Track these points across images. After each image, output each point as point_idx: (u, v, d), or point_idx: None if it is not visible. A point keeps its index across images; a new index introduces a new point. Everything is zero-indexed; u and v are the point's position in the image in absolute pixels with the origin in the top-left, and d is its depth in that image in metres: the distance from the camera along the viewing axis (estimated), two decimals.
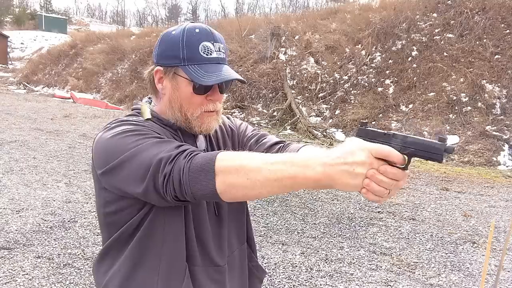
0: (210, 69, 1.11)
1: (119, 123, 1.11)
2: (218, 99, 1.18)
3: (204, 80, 1.09)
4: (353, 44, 14.42)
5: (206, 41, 1.13)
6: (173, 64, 1.13)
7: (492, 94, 10.91)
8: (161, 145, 1.01)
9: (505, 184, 7.83)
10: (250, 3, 44.16)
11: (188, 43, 1.12)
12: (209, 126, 1.18)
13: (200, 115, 1.16)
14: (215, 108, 1.18)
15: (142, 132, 1.06)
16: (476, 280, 3.89)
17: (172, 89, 1.16)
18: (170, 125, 1.19)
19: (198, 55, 1.11)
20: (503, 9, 12.50)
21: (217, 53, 1.14)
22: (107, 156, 1.04)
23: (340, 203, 6.03)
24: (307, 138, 11.42)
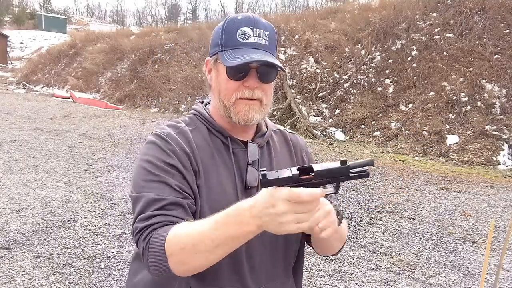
0: (243, 53, 1.07)
1: (156, 137, 1.12)
2: (254, 85, 1.10)
3: (229, 61, 1.07)
4: (353, 44, 14.42)
5: (245, 27, 1.10)
6: (215, 52, 1.13)
7: (492, 93, 10.91)
8: (148, 202, 1.02)
9: (504, 184, 7.84)
10: (249, 3, 44.21)
11: (227, 29, 1.11)
12: (246, 115, 1.12)
13: (235, 102, 1.11)
14: (252, 96, 1.11)
15: (154, 170, 1.06)
16: (476, 280, 3.89)
17: (215, 77, 1.15)
18: (221, 132, 1.16)
19: (234, 40, 1.09)
20: (502, 9, 12.51)
21: (256, 38, 1.10)
22: (132, 179, 1.12)
23: (340, 202, 6.03)
24: (307, 138, 11.42)
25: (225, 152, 1.15)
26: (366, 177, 0.87)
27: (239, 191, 1.13)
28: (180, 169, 1.07)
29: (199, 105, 1.24)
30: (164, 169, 1.06)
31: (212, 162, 1.13)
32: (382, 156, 9.86)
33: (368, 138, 11.32)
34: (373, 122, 11.71)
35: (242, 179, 1.14)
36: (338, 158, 8.68)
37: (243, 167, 1.15)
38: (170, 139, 1.11)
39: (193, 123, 1.19)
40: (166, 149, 1.09)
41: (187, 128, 1.15)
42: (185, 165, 1.08)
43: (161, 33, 21.94)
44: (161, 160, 1.07)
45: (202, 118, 1.19)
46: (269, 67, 1.10)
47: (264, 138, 1.23)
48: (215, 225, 0.91)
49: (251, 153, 1.17)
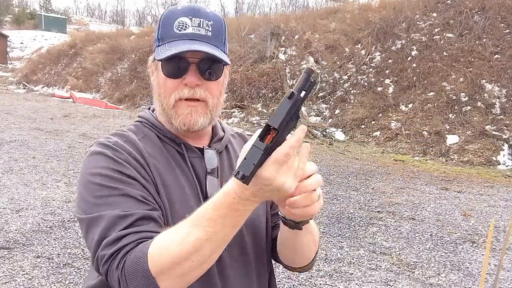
0: (179, 45, 0.93)
1: (102, 147, 0.96)
2: (194, 82, 0.95)
3: (160, 54, 0.94)
4: (353, 44, 14.42)
5: (184, 17, 0.96)
6: (154, 49, 1.01)
7: (492, 93, 10.91)
8: (111, 221, 0.85)
9: (504, 184, 7.84)
10: (249, 3, 44.20)
11: (165, 21, 0.98)
12: (188, 119, 0.97)
13: (175, 104, 0.97)
14: (192, 95, 0.96)
15: (109, 183, 0.89)
16: (476, 280, 3.89)
17: (155, 77, 1.02)
18: (173, 139, 1.03)
19: (171, 32, 0.96)
20: (502, 9, 12.52)
21: (195, 29, 0.96)
22: (78, 198, 0.94)
23: (340, 203, 6.03)
24: (307, 138, 11.42)
25: (181, 160, 1.02)
26: (314, 85, 0.78)
27: (202, 202, 0.95)
28: (139, 179, 0.91)
29: (146, 112, 1.10)
30: (121, 180, 0.90)
31: (170, 172, 0.99)
32: (382, 156, 9.86)
33: (368, 138, 11.32)
34: (373, 122, 11.71)
35: (202, 190, 1.01)
36: (338, 158, 8.63)
37: (201, 176, 1.02)
38: (119, 148, 0.95)
39: (140, 131, 1.04)
40: (118, 158, 0.93)
41: (135, 137, 1.00)
42: (144, 176, 0.93)
43: None
44: (115, 171, 0.91)
45: (150, 125, 1.05)
46: (213, 62, 0.96)
47: (222, 143, 1.10)
48: (208, 222, 0.78)
49: (209, 160, 1.04)
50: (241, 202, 0.76)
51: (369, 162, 9.07)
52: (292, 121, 0.78)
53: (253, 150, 0.73)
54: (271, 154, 0.75)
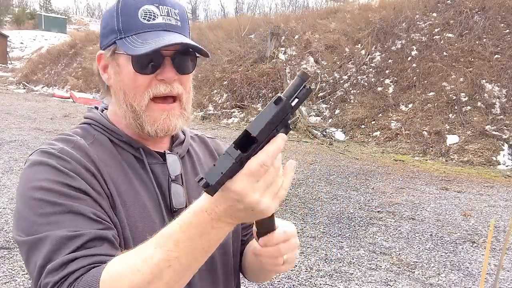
0: (151, 37, 0.84)
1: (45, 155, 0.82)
2: (172, 77, 0.85)
3: (135, 49, 0.82)
4: (353, 44, 14.43)
5: (149, 4, 0.86)
6: (111, 41, 0.87)
7: (492, 93, 10.91)
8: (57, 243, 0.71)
9: (504, 184, 7.84)
10: (249, 3, 44.16)
11: (125, 10, 0.86)
12: (166, 123, 0.87)
13: (149, 106, 0.86)
14: (170, 92, 0.86)
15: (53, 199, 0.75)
16: (476, 280, 3.89)
17: (114, 74, 0.88)
18: (129, 142, 0.90)
19: (137, 22, 0.85)
20: (502, 9, 12.52)
21: (165, 18, 0.86)
22: (16, 218, 0.80)
23: (340, 203, 6.03)
24: (307, 137, 11.42)
25: (139, 167, 0.90)
26: (310, 93, 0.67)
27: (166, 215, 0.88)
28: (90, 193, 0.78)
29: (94, 112, 0.96)
30: (69, 194, 0.76)
31: (126, 181, 0.87)
32: (382, 156, 9.86)
33: (368, 138, 11.32)
34: (373, 122, 11.71)
35: (166, 200, 0.90)
36: (338, 158, 8.63)
37: (164, 184, 0.91)
38: (66, 155, 0.81)
39: (89, 135, 0.90)
40: (64, 168, 0.79)
41: (83, 142, 0.87)
42: (95, 188, 0.80)
43: None
44: (60, 183, 0.77)
45: (101, 127, 0.92)
46: (185, 55, 0.88)
47: (184, 146, 0.99)
48: (173, 245, 0.66)
49: (172, 166, 0.92)
50: (212, 222, 0.65)
51: (369, 162, 9.07)
52: (277, 131, 0.66)
53: (225, 157, 0.62)
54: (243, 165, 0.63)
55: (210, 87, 15.16)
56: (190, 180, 0.96)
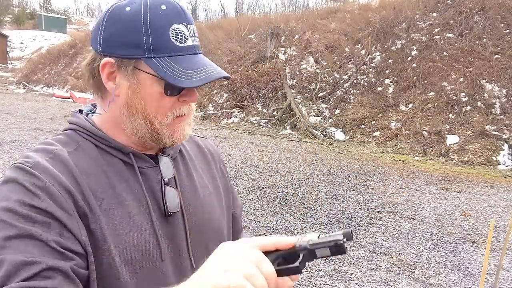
0: (187, 63, 0.83)
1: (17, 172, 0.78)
2: (195, 100, 0.88)
3: (183, 80, 0.80)
4: (353, 44, 14.43)
5: (178, 23, 0.83)
6: (133, 56, 0.82)
7: (492, 93, 10.92)
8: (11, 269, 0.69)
9: (504, 184, 7.84)
10: (249, 3, 44.17)
11: (154, 26, 0.81)
12: (183, 134, 0.89)
13: (171, 122, 0.87)
14: (189, 111, 0.89)
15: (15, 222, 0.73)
16: (476, 280, 3.89)
17: (131, 90, 0.85)
18: (119, 148, 0.88)
19: (169, 43, 0.82)
20: (502, 9, 12.52)
21: (192, 40, 0.85)
22: None
23: (340, 202, 6.04)
24: (307, 138, 11.43)
25: (128, 173, 0.87)
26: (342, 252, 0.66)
27: (157, 221, 0.87)
28: (57, 215, 0.75)
29: (79, 117, 0.92)
30: (31, 218, 0.73)
31: (110, 191, 0.84)
32: (382, 156, 9.86)
33: (368, 138, 11.32)
34: (373, 122, 11.71)
35: (159, 205, 0.88)
36: (338, 158, 8.64)
37: (156, 188, 0.89)
38: (40, 171, 0.78)
39: (72, 142, 0.87)
40: (34, 187, 0.76)
41: (64, 151, 0.84)
42: (65, 208, 0.76)
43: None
44: (26, 205, 0.74)
45: (87, 133, 0.89)
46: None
47: (176, 147, 0.97)
48: None
49: (164, 169, 0.91)
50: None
51: (369, 162, 9.07)
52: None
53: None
54: None
55: (210, 87, 15.16)
56: (183, 182, 0.95)
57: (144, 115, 0.85)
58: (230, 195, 1.09)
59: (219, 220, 1.01)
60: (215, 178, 1.06)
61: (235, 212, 1.10)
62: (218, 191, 1.05)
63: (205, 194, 0.99)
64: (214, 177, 1.06)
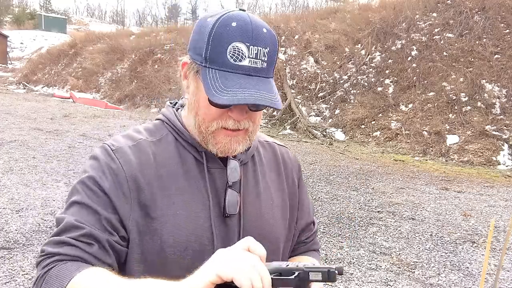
0: (231, 81, 0.84)
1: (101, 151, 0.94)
2: (241, 117, 0.89)
3: (215, 95, 0.83)
4: (353, 44, 14.43)
5: (239, 42, 0.84)
6: (197, 61, 0.89)
7: (492, 93, 10.91)
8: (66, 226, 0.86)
9: (504, 184, 7.84)
10: (249, 3, 44.19)
11: (216, 39, 0.85)
12: (227, 147, 0.91)
13: (216, 131, 0.90)
14: (237, 127, 0.90)
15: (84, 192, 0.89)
16: (476, 280, 3.89)
17: (192, 91, 0.92)
18: (194, 145, 0.95)
19: (224, 58, 0.84)
20: (502, 9, 12.52)
21: (252, 61, 0.84)
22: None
23: (340, 202, 6.03)
24: (307, 138, 11.42)
25: (197, 170, 0.94)
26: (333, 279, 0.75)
27: (214, 219, 0.92)
28: (111, 196, 0.88)
29: (170, 110, 1.01)
30: (95, 193, 0.88)
31: (178, 183, 0.92)
32: (382, 156, 9.86)
33: (368, 138, 11.32)
34: (373, 122, 11.71)
35: (220, 205, 0.93)
36: (338, 158, 8.64)
37: (220, 189, 0.94)
38: (119, 155, 0.91)
39: (158, 132, 0.98)
40: (107, 168, 0.90)
41: (148, 141, 0.95)
42: (125, 192, 0.88)
43: (161, 33, 21.96)
44: (95, 182, 0.89)
45: (171, 127, 0.98)
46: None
47: (248, 153, 1.00)
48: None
49: (231, 172, 0.95)
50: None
51: (369, 162, 9.07)
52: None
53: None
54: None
55: None
56: (248, 187, 0.98)
57: (195, 117, 0.92)
58: (296, 208, 1.10)
59: (277, 232, 1.02)
60: (284, 190, 1.07)
61: (296, 227, 1.11)
62: (284, 203, 1.06)
63: (267, 203, 1.01)
64: (282, 188, 1.07)
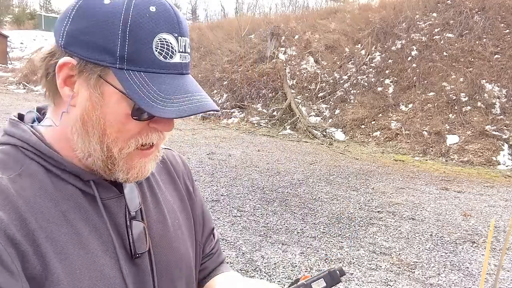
0: (168, 85, 0.64)
1: None
2: (170, 129, 0.69)
3: (158, 107, 0.62)
4: (353, 44, 14.43)
5: (167, 33, 0.64)
6: (101, 62, 0.63)
7: (492, 93, 10.92)
8: None
9: (504, 184, 7.84)
10: (249, 3, 44.14)
11: (135, 30, 0.62)
12: (142, 171, 0.71)
13: (132, 154, 0.68)
14: (159, 141, 0.71)
15: None
16: (476, 280, 3.90)
17: (91, 103, 0.65)
18: (76, 173, 0.69)
19: (150, 56, 0.63)
20: (502, 9, 12.52)
21: (182, 56, 0.66)
22: None
23: (340, 203, 6.04)
24: (307, 138, 11.42)
25: (89, 206, 0.69)
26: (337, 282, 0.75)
27: (124, 264, 0.70)
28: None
29: (23, 128, 0.70)
30: None
31: (67, 231, 0.65)
32: (382, 156, 9.86)
33: (368, 138, 11.32)
34: (373, 122, 11.71)
35: (125, 245, 0.71)
36: (338, 158, 8.66)
37: (121, 224, 0.72)
38: None
39: (14, 163, 0.66)
40: None
41: (4, 179, 0.63)
42: (8, 268, 0.57)
43: None
44: None
45: (34, 152, 0.68)
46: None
47: None
48: None
49: (130, 198, 0.74)
50: None
51: (369, 162, 9.07)
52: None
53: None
54: None
55: (210, 87, 15.16)
56: (151, 212, 0.78)
57: (101, 138, 0.66)
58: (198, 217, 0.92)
59: (188, 254, 0.85)
60: (183, 199, 0.89)
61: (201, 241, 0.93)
62: (188, 216, 0.89)
63: (174, 224, 0.83)
64: (182, 197, 0.89)
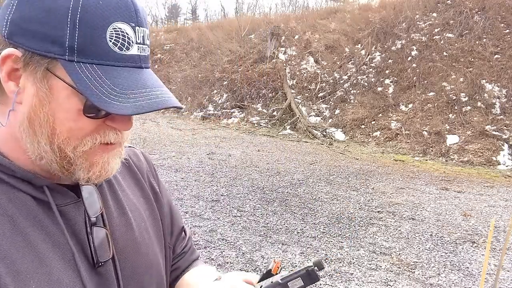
0: (124, 79, 0.59)
1: None
2: (128, 128, 0.65)
3: (113, 102, 0.57)
4: (353, 44, 14.43)
5: (123, 22, 0.59)
6: (47, 53, 0.58)
7: (492, 93, 10.92)
8: None
9: (504, 184, 7.84)
10: (249, 3, 44.23)
11: (86, 18, 0.57)
12: (104, 169, 0.65)
13: (90, 150, 0.63)
14: (117, 139, 0.65)
15: None
16: (476, 280, 3.89)
17: (38, 99, 0.60)
18: (27, 179, 0.63)
19: (103, 46, 0.58)
20: (502, 9, 12.52)
21: (140, 48, 0.62)
22: None
23: (340, 202, 6.03)
24: (307, 138, 11.42)
25: (42, 215, 0.63)
26: (315, 281, 0.73)
27: (86, 276, 0.65)
28: None
29: None
30: None
31: (20, 243, 0.60)
32: (382, 156, 9.86)
33: (368, 138, 11.32)
34: (373, 122, 11.71)
35: (86, 254, 0.67)
36: (338, 158, 8.65)
37: (81, 232, 0.67)
38: None
39: None
40: None
41: None
42: None
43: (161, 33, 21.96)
44: None
45: None
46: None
47: None
48: None
49: (90, 203, 0.68)
50: None
51: (369, 162, 9.07)
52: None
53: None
54: None
55: (210, 87, 15.16)
56: (113, 217, 0.73)
57: (50, 138, 0.61)
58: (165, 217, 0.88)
59: (156, 259, 0.81)
60: (149, 198, 0.84)
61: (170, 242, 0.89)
62: (155, 216, 0.84)
63: (140, 227, 0.78)
64: (147, 196, 0.84)
